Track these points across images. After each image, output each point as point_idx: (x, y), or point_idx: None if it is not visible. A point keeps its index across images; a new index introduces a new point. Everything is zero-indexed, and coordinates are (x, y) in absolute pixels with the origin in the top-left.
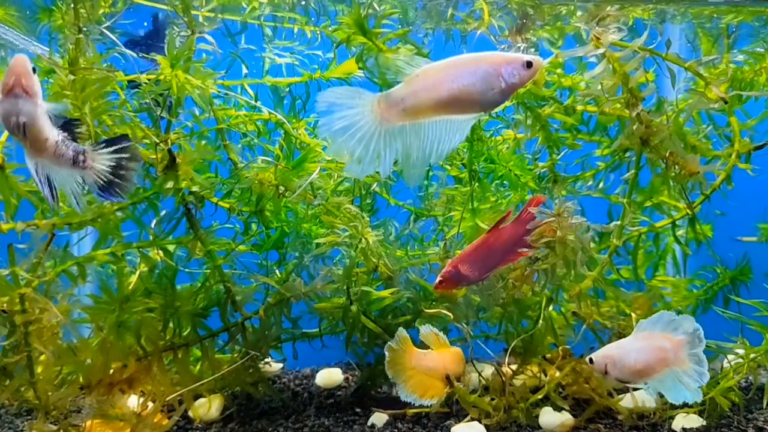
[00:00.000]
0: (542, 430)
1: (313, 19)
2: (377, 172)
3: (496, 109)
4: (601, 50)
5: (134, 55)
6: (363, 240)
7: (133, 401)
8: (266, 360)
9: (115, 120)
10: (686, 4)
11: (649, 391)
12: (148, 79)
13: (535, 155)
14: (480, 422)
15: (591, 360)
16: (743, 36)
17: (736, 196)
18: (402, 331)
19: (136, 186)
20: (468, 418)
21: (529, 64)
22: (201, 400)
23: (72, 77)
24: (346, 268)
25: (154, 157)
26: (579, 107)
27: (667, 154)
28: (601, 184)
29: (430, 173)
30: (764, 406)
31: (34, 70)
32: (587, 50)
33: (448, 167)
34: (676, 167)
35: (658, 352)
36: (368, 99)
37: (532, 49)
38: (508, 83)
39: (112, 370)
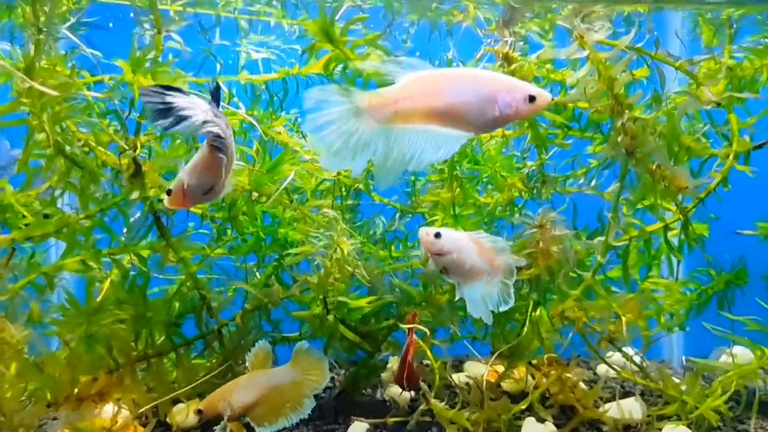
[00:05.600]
0: None
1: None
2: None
3: None
4: (586, 52)
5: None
6: (338, 250)
7: (108, 409)
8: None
9: (80, 124)
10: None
11: (461, 292)
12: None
13: (523, 153)
14: None
15: (438, 234)
16: (747, 25)
17: (734, 195)
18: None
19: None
20: None
21: (532, 98)
22: (179, 406)
23: (28, 84)
24: (319, 278)
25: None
26: (569, 104)
27: (654, 167)
28: (593, 182)
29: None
30: (753, 412)
31: None
32: (570, 51)
33: (429, 171)
34: (664, 181)
35: (483, 265)
36: (358, 96)
37: (521, 43)
38: (502, 113)
39: (81, 384)
